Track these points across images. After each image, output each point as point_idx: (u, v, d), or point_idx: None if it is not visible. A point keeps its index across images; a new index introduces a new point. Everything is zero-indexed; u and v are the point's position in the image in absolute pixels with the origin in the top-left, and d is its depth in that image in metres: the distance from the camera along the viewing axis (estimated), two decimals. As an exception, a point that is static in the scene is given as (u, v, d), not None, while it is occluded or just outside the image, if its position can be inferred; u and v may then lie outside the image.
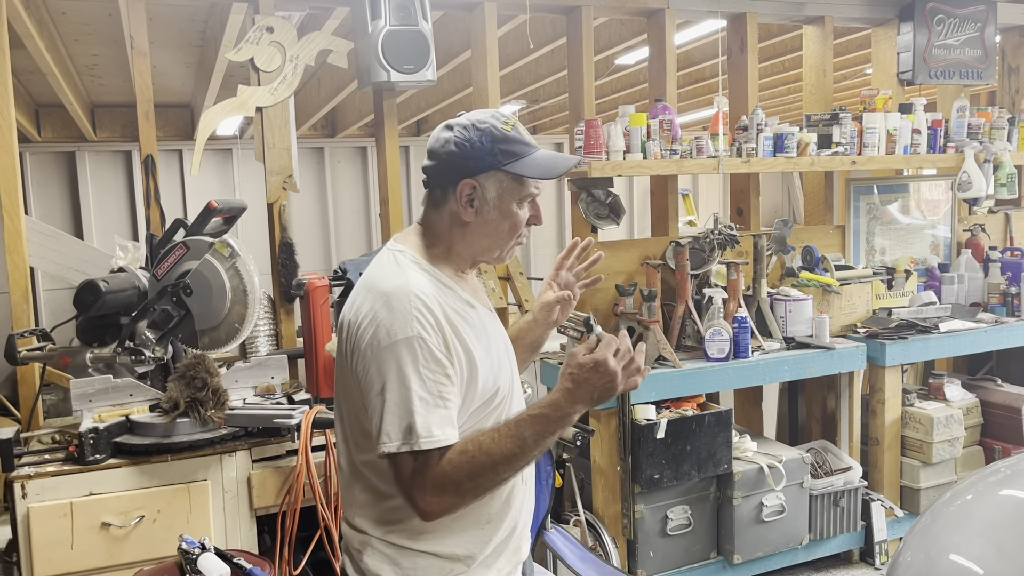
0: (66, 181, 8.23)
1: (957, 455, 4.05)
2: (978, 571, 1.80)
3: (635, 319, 3.65)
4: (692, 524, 3.62)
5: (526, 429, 1.46)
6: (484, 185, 1.59)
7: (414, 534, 1.59)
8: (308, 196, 9.04)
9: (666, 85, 4.11)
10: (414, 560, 1.59)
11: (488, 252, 1.66)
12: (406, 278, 1.55)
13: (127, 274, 3.16)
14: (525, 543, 1.76)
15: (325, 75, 6.40)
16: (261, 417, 2.88)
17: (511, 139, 1.59)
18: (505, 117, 1.63)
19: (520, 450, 1.46)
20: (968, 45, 4.60)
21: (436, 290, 1.57)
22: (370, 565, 1.61)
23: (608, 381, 1.45)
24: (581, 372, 1.45)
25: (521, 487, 1.69)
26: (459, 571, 1.61)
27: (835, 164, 4.05)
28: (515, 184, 1.60)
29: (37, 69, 5.02)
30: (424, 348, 1.48)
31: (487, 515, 1.62)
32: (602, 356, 1.45)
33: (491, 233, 1.63)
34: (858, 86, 7.24)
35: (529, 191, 1.62)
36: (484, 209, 1.60)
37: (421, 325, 1.49)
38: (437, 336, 1.50)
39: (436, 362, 1.49)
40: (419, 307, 1.50)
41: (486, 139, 1.58)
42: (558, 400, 1.47)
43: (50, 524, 2.61)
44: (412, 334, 1.48)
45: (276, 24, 3.53)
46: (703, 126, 9.65)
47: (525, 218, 1.64)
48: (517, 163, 1.58)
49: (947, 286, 4.44)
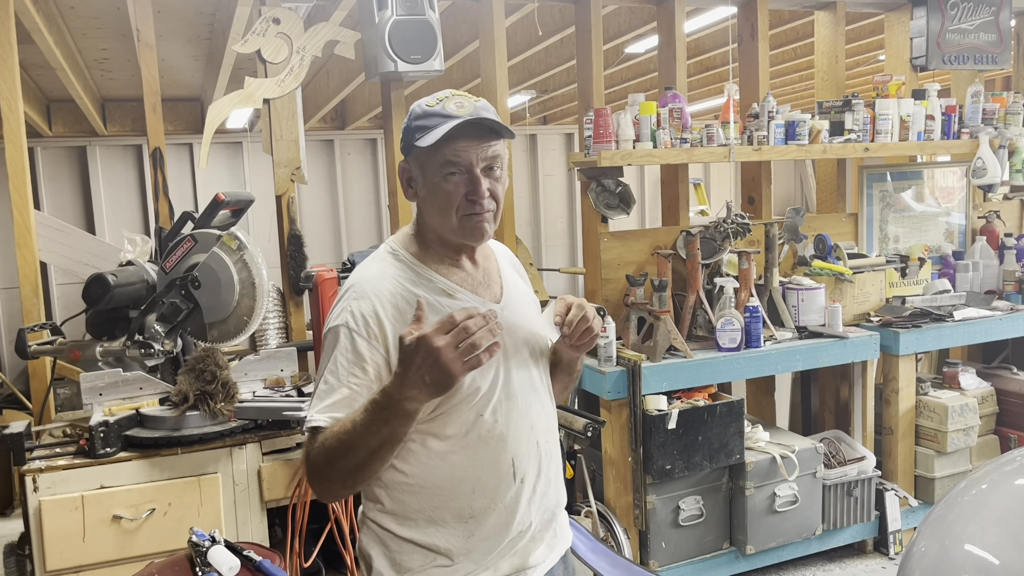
0: (77, 176, 8.26)
1: (972, 444, 4.01)
2: (993, 561, 1.78)
3: (646, 309, 3.63)
4: (704, 515, 3.61)
5: (358, 415, 1.44)
6: (412, 164, 1.62)
7: (399, 520, 1.60)
8: (318, 188, 9.04)
9: (676, 73, 4.07)
10: (400, 545, 1.60)
11: (443, 229, 1.61)
12: (366, 271, 1.62)
13: (136, 267, 3.16)
14: (540, 548, 1.68)
15: (334, 67, 6.39)
16: (271, 410, 2.88)
17: (429, 114, 1.56)
18: (442, 94, 1.59)
19: (352, 437, 1.43)
20: (982, 30, 4.53)
21: (400, 280, 1.59)
22: (364, 544, 1.65)
23: (434, 361, 1.34)
24: (406, 353, 1.37)
25: (512, 484, 1.61)
26: (443, 563, 1.59)
27: (848, 151, 4.01)
28: (430, 157, 1.56)
29: (46, 64, 5.02)
30: (347, 337, 1.52)
31: (470, 509, 1.59)
32: (424, 333, 1.35)
33: (434, 211, 1.61)
34: (871, 72, 7.17)
35: (445, 161, 1.55)
36: (418, 188, 1.62)
37: (351, 315, 1.53)
38: (368, 327, 1.52)
39: (354, 353, 1.52)
40: (357, 298, 1.55)
41: (410, 118, 1.61)
42: (387, 386, 1.41)
43: (62, 517, 2.62)
44: (340, 323, 1.54)
45: (283, 15, 3.52)
46: (714, 114, 9.59)
47: (457, 192, 1.56)
48: (423, 137, 1.55)
49: (962, 274, 4.39)
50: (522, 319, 1.70)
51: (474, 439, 1.58)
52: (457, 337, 1.35)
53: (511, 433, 1.61)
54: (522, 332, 1.69)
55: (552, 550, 1.73)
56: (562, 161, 10.21)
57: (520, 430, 1.63)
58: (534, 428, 1.67)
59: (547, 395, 1.75)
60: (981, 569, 1.79)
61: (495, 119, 1.56)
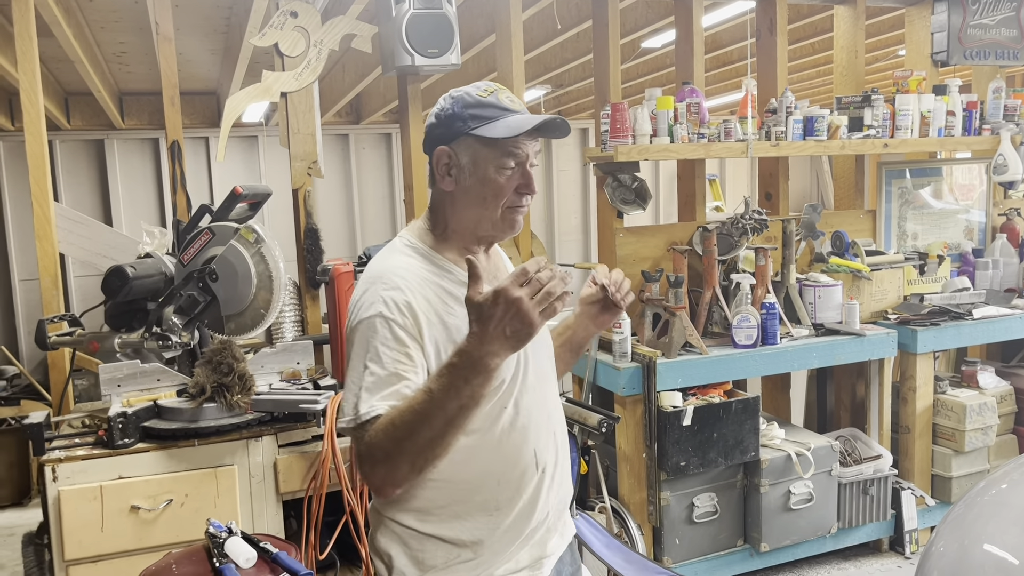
0: (95, 169, 8.32)
1: (990, 443, 3.98)
2: (1013, 561, 1.77)
3: (661, 305, 3.62)
4: (718, 511, 3.60)
5: (434, 383, 1.39)
6: (457, 152, 1.58)
7: (421, 516, 1.58)
8: (333, 183, 9.06)
9: (694, 68, 4.05)
10: (422, 543, 1.59)
11: (479, 224, 1.61)
12: (389, 262, 1.58)
13: (154, 260, 3.18)
14: (554, 537, 1.71)
15: (350, 61, 6.40)
16: (287, 402, 2.89)
17: (484, 104, 1.56)
18: (488, 86, 1.60)
19: (426, 406, 1.38)
20: (1004, 25, 4.49)
21: (423, 272, 1.57)
22: (382, 544, 1.63)
23: (515, 312, 1.32)
24: (483, 309, 1.34)
25: (535, 474, 1.63)
26: (467, 557, 1.59)
27: (866, 147, 3.97)
28: (488, 148, 1.55)
29: (65, 57, 5.06)
30: (385, 326, 1.49)
31: (495, 501, 1.60)
32: (502, 286, 1.32)
33: (474, 202, 1.59)
34: (890, 68, 7.10)
35: (507, 153, 1.55)
36: (461, 177, 1.58)
37: (386, 305, 1.50)
38: (404, 317, 1.50)
39: (396, 340, 1.49)
40: (388, 288, 1.52)
41: (458, 105, 1.57)
42: (464, 346, 1.37)
43: (80, 507, 2.64)
44: (374, 313, 1.50)
45: (300, 9, 3.52)
46: (731, 110, 9.54)
47: (509, 185, 1.57)
48: (485, 126, 1.54)
49: (981, 271, 4.35)
50: None
51: (499, 432, 1.59)
52: (533, 287, 1.33)
53: (532, 424, 1.63)
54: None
55: (563, 538, 1.76)
56: (576, 156, 10.18)
57: (540, 421, 1.65)
58: (551, 418, 1.70)
59: (556, 386, 1.79)
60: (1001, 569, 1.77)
61: (559, 119, 1.57)
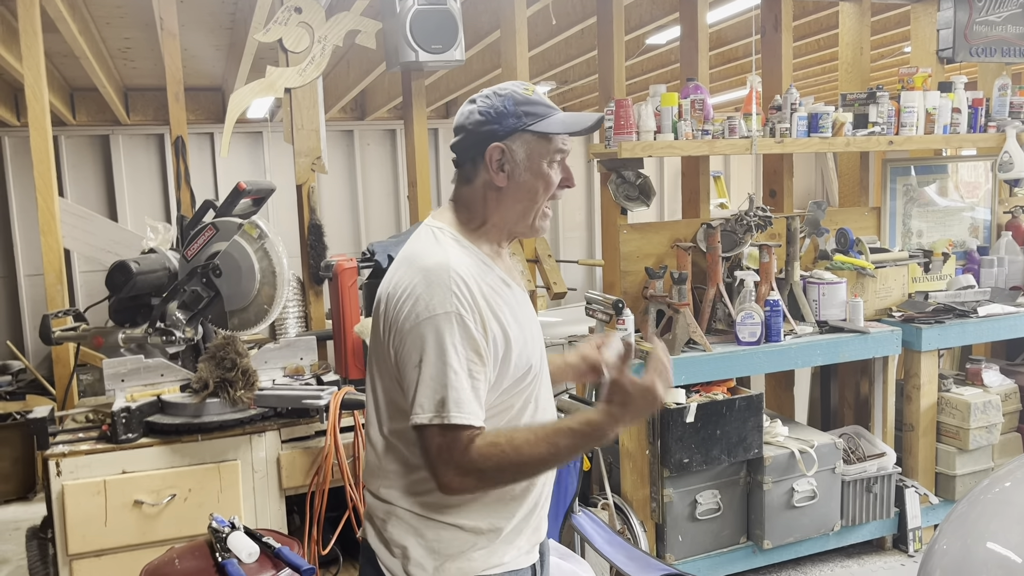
0: (100, 164, 8.34)
1: (994, 442, 3.97)
2: (1016, 560, 1.76)
3: (665, 302, 3.61)
4: (721, 509, 3.60)
5: (564, 439, 1.50)
6: (512, 148, 1.61)
7: (440, 506, 1.60)
8: (337, 179, 9.07)
9: (698, 64, 4.04)
10: (438, 532, 1.61)
11: (523, 219, 1.67)
12: (446, 254, 1.57)
13: (158, 255, 3.18)
14: (545, 523, 1.76)
15: (354, 57, 6.39)
16: (290, 398, 2.89)
17: (533, 101, 1.62)
18: (525, 85, 1.67)
19: (553, 458, 1.52)
20: (1011, 22, 4.46)
21: (475, 267, 1.59)
22: (394, 535, 1.63)
23: (652, 403, 1.50)
24: (628, 398, 1.49)
25: None
26: (481, 544, 1.62)
27: (871, 144, 3.96)
28: (542, 143, 1.62)
29: (70, 52, 5.06)
30: (461, 324, 1.50)
31: (511, 491, 1.63)
32: (651, 383, 1.49)
33: (525, 197, 1.64)
34: (896, 64, 7.09)
35: (558, 149, 1.64)
36: (516, 172, 1.62)
37: (459, 301, 1.51)
38: (474, 314, 1.52)
39: (471, 339, 1.51)
40: (458, 283, 1.52)
41: (509, 103, 1.61)
42: (601, 422, 1.50)
43: (84, 501, 2.65)
44: (451, 309, 1.50)
45: (304, 4, 3.52)
46: (736, 106, 9.51)
47: (557, 179, 1.66)
48: (541, 122, 1.61)
49: (986, 269, 4.33)
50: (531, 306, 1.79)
51: (523, 423, 1.65)
52: (665, 380, 1.51)
53: (548, 415, 1.71)
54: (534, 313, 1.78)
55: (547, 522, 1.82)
56: (580, 152, 10.16)
57: (549, 411, 1.73)
58: (554, 408, 1.77)
59: None
60: (1004, 567, 1.77)
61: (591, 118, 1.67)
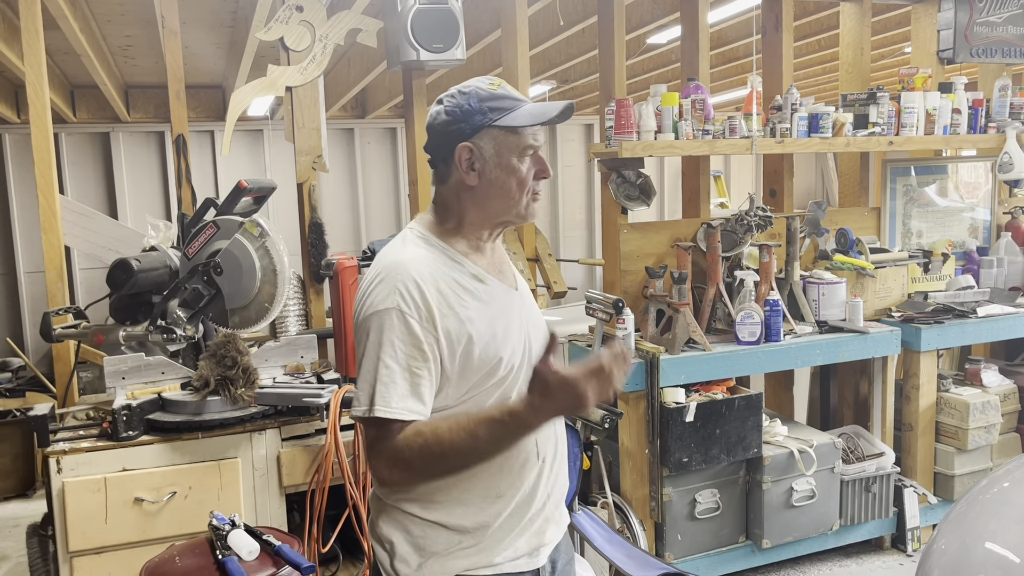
0: (100, 161, 8.34)
1: (993, 442, 3.98)
2: (1014, 560, 1.77)
3: (665, 302, 3.62)
4: (721, 508, 3.60)
5: (483, 429, 1.47)
6: (480, 145, 1.61)
7: (424, 503, 1.62)
8: (338, 177, 9.07)
9: (699, 64, 4.05)
10: (424, 529, 1.62)
11: (504, 213, 1.65)
12: (402, 253, 1.61)
13: (159, 253, 3.19)
14: (552, 526, 1.73)
15: (355, 55, 6.40)
16: (290, 396, 2.90)
17: (498, 96, 1.61)
18: (491, 80, 1.65)
19: (472, 448, 1.48)
20: (1011, 23, 4.47)
21: (436, 264, 1.60)
22: (384, 530, 1.66)
23: (577, 400, 1.42)
24: (551, 390, 1.43)
25: (536, 464, 1.67)
26: (468, 543, 1.62)
27: (871, 145, 3.97)
28: (511, 137, 1.61)
29: (71, 50, 5.07)
30: (401, 320, 1.52)
31: (496, 489, 1.63)
32: (573, 380, 1.41)
33: (499, 193, 1.63)
34: (896, 65, 7.09)
35: (527, 142, 1.61)
36: (486, 169, 1.61)
37: (402, 298, 1.53)
38: (418, 310, 1.53)
39: (411, 335, 1.52)
40: (404, 280, 1.54)
41: (473, 100, 1.60)
42: (520, 412, 1.46)
43: (84, 499, 2.66)
44: (391, 306, 1.53)
45: (306, 3, 3.52)
46: (736, 106, 9.52)
47: (530, 172, 1.63)
48: (507, 116, 1.60)
49: (985, 270, 4.34)
50: (533, 306, 1.78)
51: None
52: (603, 385, 1.43)
53: None
54: (537, 318, 1.76)
55: (560, 528, 1.79)
56: (581, 151, 10.18)
57: None
58: None
59: None
60: (1002, 567, 1.78)
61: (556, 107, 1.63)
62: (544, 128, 1.65)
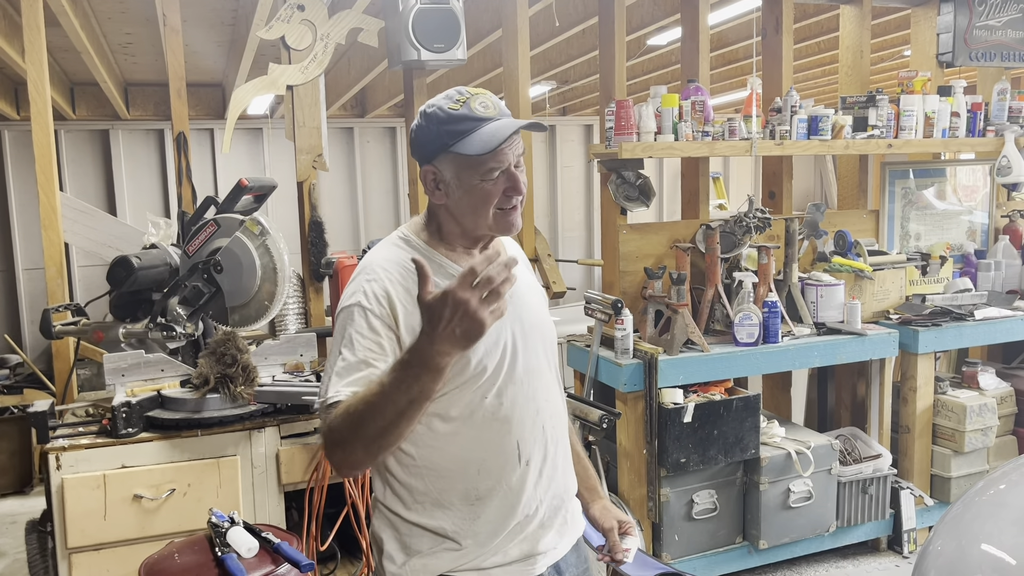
0: (100, 159, 8.34)
1: (990, 444, 3.99)
2: (1010, 561, 1.78)
3: (664, 302, 3.63)
4: (718, 508, 3.61)
5: (387, 377, 1.42)
6: (440, 168, 1.60)
7: (406, 504, 1.64)
8: (338, 176, 9.08)
9: (699, 66, 4.06)
10: (410, 528, 1.64)
11: (477, 228, 1.64)
12: (377, 254, 1.66)
13: (159, 251, 3.19)
14: (550, 534, 1.70)
15: (355, 54, 6.40)
16: (290, 394, 2.90)
17: (456, 118, 1.56)
18: (460, 95, 1.60)
19: (379, 398, 1.40)
20: (1010, 27, 4.48)
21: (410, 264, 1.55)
22: (376, 529, 1.70)
23: (463, 313, 1.32)
24: (433, 310, 1.34)
25: (517, 467, 1.64)
26: (451, 547, 1.62)
27: (870, 147, 3.98)
28: (468, 162, 1.57)
29: (71, 47, 5.07)
30: (363, 316, 1.55)
31: (476, 491, 1.62)
32: (451, 287, 1.32)
33: (467, 212, 1.61)
34: (895, 68, 7.10)
35: (488, 165, 1.56)
36: (450, 191, 1.61)
37: (364, 295, 1.57)
38: (380, 307, 1.56)
39: (371, 329, 1.55)
40: (369, 278, 1.59)
41: (433, 123, 1.58)
42: (415, 344, 1.38)
43: (84, 495, 2.66)
44: (354, 303, 1.57)
45: (307, 2, 3.53)
46: (736, 108, 9.53)
47: (497, 190, 1.58)
48: (461, 142, 1.55)
49: (983, 273, 4.35)
50: (531, 307, 1.74)
51: (479, 420, 1.61)
52: (483, 287, 1.32)
53: (516, 416, 1.64)
54: (531, 319, 1.72)
55: (563, 537, 1.75)
56: (581, 152, 10.19)
57: (525, 413, 1.66)
58: (540, 412, 1.69)
59: (555, 383, 1.78)
60: (997, 569, 1.79)
61: (540, 122, 1.64)
62: (513, 143, 1.58)
